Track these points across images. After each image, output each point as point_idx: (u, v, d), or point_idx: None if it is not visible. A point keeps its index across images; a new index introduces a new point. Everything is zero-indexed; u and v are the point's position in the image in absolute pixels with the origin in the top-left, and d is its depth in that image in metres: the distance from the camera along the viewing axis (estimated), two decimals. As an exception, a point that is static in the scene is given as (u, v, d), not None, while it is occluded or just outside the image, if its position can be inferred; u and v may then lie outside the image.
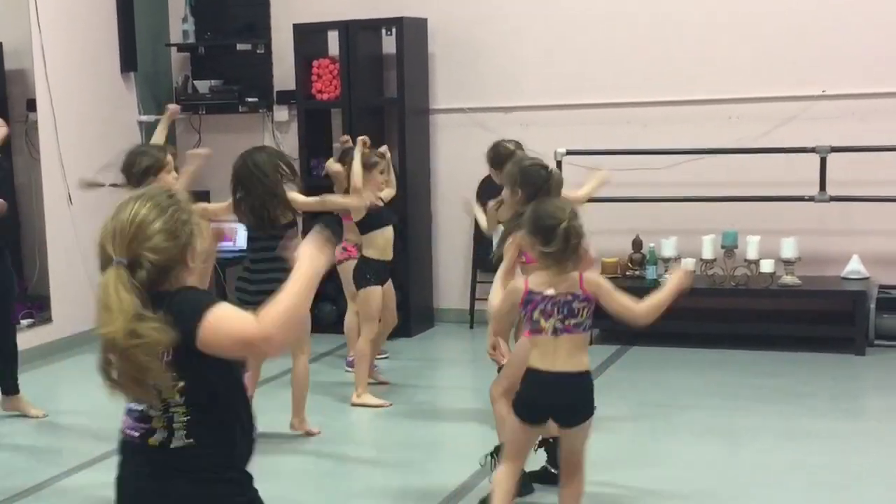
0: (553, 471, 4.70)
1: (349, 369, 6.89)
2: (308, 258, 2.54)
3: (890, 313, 7.30)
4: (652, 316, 3.85)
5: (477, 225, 8.20)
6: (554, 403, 3.89)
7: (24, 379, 6.39)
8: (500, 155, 5.47)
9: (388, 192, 6.68)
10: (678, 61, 7.84)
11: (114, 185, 5.85)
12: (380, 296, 6.30)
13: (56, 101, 7.76)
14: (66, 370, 7.45)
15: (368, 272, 6.28)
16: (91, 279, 8.02)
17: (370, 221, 6.26)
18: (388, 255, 6.38)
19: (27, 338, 7.24)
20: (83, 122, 8.09)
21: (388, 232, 6.36)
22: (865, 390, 6.59)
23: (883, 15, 7.41)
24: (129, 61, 8.50)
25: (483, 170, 8.22)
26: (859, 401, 6.41)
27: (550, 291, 3.83)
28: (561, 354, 3.87)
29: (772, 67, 7.66)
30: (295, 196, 5.60)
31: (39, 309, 7.76)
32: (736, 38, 7.72)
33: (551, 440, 4.67)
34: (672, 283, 3.85)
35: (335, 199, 6.23)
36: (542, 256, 3.85)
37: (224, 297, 3.88)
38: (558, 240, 3.78)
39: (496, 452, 4.59)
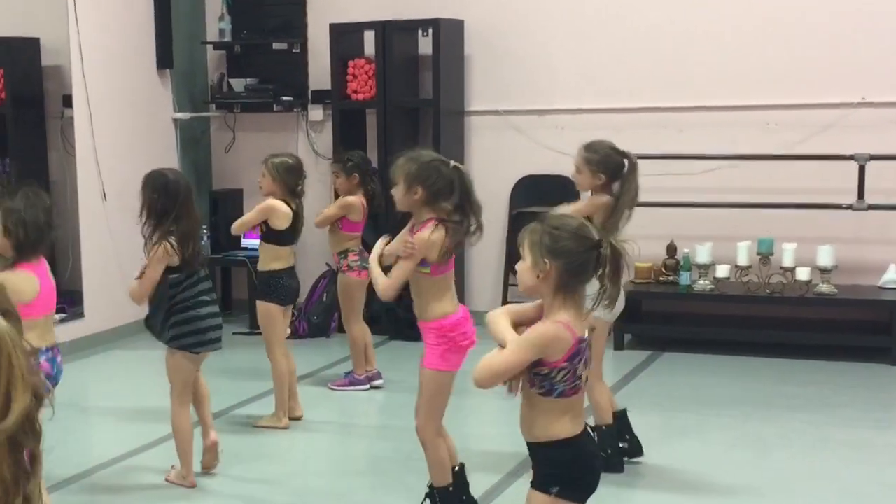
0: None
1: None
2: None
3: (927, 324, 7.22)
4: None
5: (510, 230, 8.21)
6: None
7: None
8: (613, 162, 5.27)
9: None
10: (716, 67, 7.78)
11: None
12: None
13: (92, 97, 7.79)
14: (97, 365, 7.48)
15: None
16: (124, 275, 8.08)
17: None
18: None
19: (58, 333, 7.23)
20: (118, 118, 8.13)
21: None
22: (900, 401, 6.51)
23: (925, 22, 7.34)
24: (165, 58, 8.53)
25: (517, 172, 8.28)
26: (893, 411, 6.32)
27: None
28: (581, 409, 3.03)
29: (811, 74, 7.59)
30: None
31: (72, 304, 7.79)
32: (775, 44, 7.66)
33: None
34: None
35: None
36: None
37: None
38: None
39: (434, 496, 4.31)
